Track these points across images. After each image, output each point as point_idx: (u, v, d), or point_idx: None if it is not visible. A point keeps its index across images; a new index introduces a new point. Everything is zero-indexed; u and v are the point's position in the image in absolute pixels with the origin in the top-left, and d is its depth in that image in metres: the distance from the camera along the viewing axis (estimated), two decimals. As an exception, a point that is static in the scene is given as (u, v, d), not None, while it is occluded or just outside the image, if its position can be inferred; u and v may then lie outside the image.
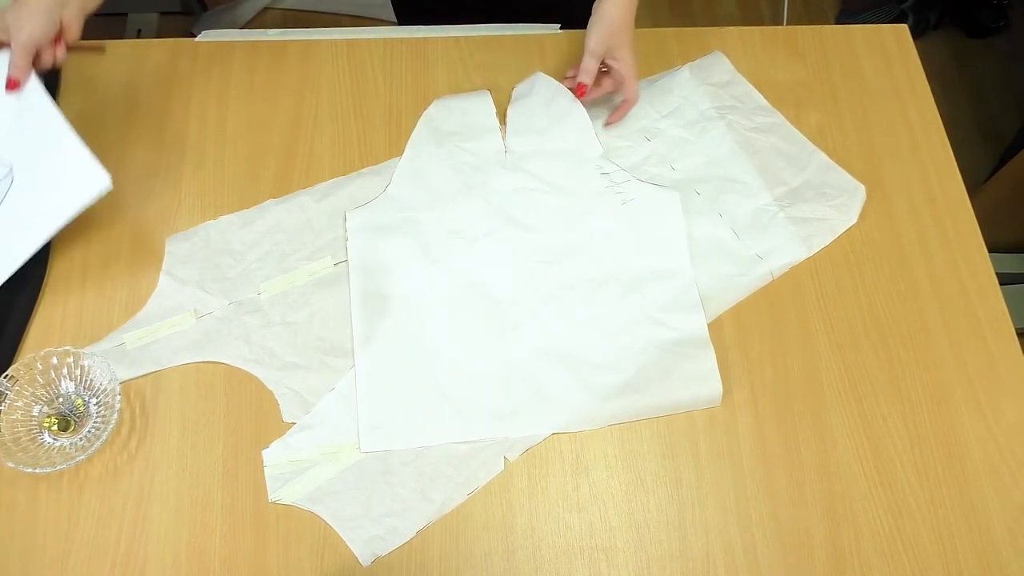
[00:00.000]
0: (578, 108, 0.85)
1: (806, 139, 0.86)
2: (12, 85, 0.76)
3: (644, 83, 0.89)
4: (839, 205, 0.82)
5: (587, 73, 0.81)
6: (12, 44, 0.74)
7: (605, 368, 0.74)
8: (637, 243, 0.80)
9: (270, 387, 0.72)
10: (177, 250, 0.78)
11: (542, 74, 0.87)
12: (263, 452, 0.70)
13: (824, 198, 0.83)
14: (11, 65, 0.75)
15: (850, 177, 0.84)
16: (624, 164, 0.84)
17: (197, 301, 0.76)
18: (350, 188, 0.82)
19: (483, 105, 0.86)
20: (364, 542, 0.67)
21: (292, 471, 0.69)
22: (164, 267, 0.77)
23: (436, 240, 0.79)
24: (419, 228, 0.80)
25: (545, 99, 0.86)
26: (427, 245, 0.79)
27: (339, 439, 0.70)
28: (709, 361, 0.74)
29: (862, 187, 0.83)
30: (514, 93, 0.87)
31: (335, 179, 0.82)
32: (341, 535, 0.67)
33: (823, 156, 0.85)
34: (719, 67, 0.91)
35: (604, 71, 0.83)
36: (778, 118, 0.88)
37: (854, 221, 0.82)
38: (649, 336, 0.75)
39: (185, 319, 0.75)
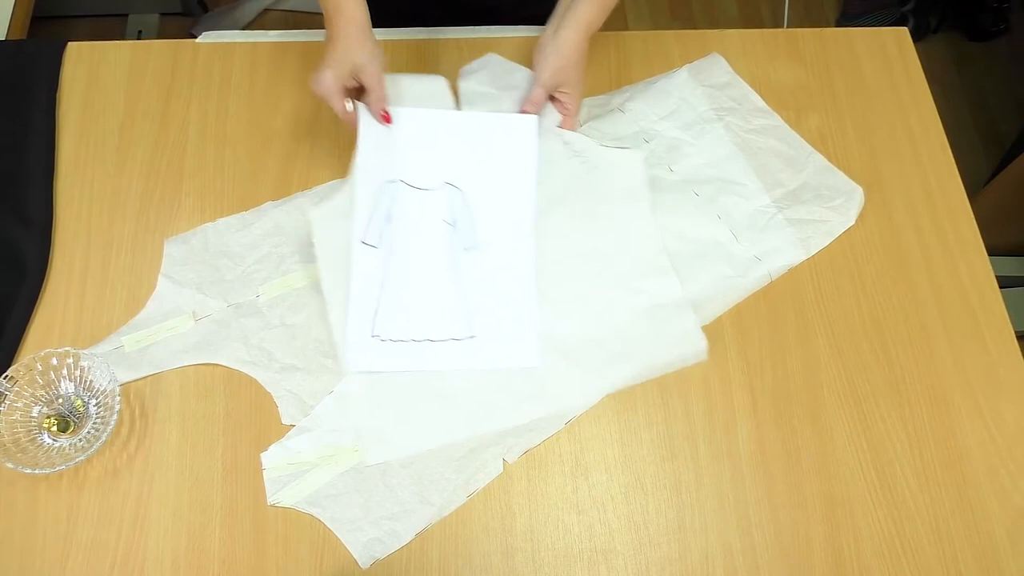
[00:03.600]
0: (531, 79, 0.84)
1: (804, 141, 0.86)
2: (386, 118, 0.77)
3: (642, 84, 0.89)
4: (837, 207, 0.82)
5: (535, 105, 0.80)
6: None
7: (590, 344, 0.74)
8: (604, 217, 0.80)
9: (269, 389, 0.72)
10: (175, 252, 0.78)
11: (494, 55, 0.88)
12: (261, 455, 0.70)
13: (822, 200, 0.83)
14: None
15: (848, 179, 0.84)
16: None
17: (195, 303, 0.76)
18: (347, 190, 0.82)
19: (438, 87, 0.85)
20: (363, 545, 0.67)
21: (291, 474, 0.69)
22: (163, 269, 0.77)
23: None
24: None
25: (497, 73, 0.86)
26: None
27: (337, 442, 0.70)
28: (688, 319, 0.75)
29: (860, 189, 0.83)
30: (462, 71, 0.87)
31: (333, 181, 0.82)
32: (340, 538, 0.67)
33: (821, 158, 0.85)
34: (717, 69, 0.91)
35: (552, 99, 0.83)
36: (776, 120, 0.88)
37: (852, 223, 0.82)
38: (628, 305, 0.76)
39: (184, 321, 0.75)
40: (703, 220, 0.81)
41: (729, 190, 0.83)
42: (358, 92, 0.76)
